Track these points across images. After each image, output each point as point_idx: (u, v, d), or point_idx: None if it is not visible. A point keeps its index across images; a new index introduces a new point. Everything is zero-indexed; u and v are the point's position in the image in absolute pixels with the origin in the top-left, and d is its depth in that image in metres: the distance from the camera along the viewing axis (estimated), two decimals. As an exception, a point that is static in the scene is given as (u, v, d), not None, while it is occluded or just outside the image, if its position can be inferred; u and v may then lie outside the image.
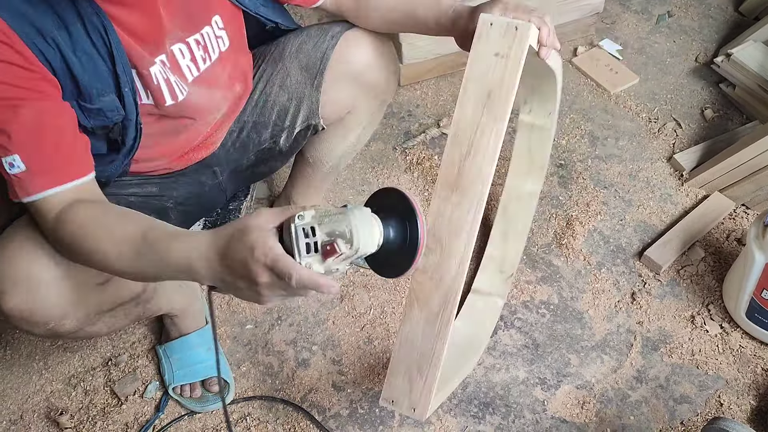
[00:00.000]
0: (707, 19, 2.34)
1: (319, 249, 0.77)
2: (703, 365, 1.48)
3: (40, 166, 0.92)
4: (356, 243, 0.78)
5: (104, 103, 1.00)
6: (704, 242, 1.69)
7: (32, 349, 1.49)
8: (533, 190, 1.63)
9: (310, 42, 1.28)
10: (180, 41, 1.08)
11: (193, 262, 0.82)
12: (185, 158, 1.25)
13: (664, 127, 1.98)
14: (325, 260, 0.78)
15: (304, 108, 1.31)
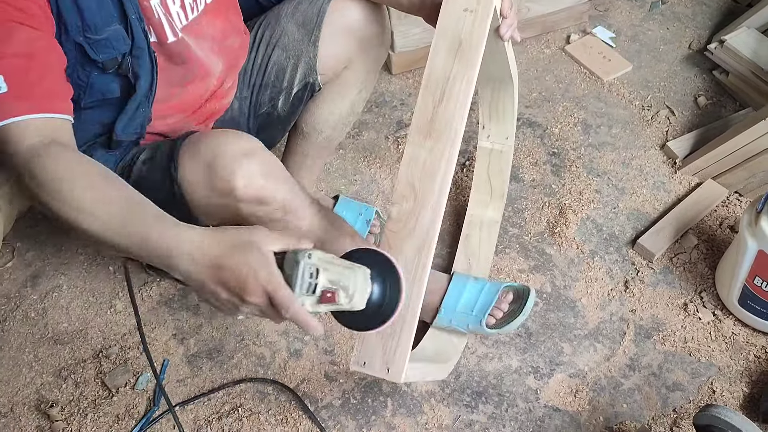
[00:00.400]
0: (700, 6, 2.33)
1: (317, 292, 0.80)
2: (695, 353, 1.48)
3: (21, 91, 0.88)
4: (354, 300, 0.84)
5: (110, 32, 0.99)
6: (697, 230, 1.68)
7: (22, 341, 1.48)
8: (494, 217, 1.64)
9: (305, 1, 1.32)
10: None
11: (175, 255, 0.81)
12: (199, 113, 1.26)
13: (657, 114, 1.97)
14: (320, 304, 0.81)
15: (302, 65, 1.33)
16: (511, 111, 1.59)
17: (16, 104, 0.87)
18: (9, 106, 0.87)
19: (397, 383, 1.00)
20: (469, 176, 1.80)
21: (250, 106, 1.37)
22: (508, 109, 1.59)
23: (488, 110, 1.60)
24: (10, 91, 0.87)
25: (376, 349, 1.02)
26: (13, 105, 0.87)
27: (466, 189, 1.78)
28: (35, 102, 0.89)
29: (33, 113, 0.88)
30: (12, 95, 0.87)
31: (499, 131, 1.62)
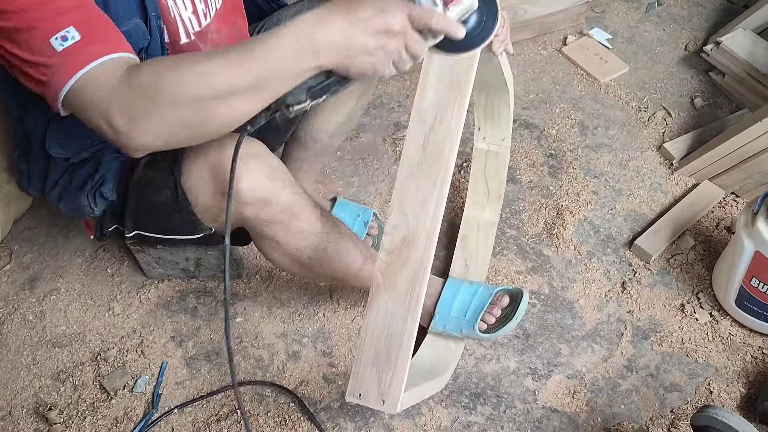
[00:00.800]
0: (697, 8, 2.33)
1: (439, 2, 0.88)
2: (692, 353, 1.48)
3: (96, 36, 0.87)
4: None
5: (131, 26, 0.99)
6: (694, 231, 1.69)
7: (20, 344, 1.48)
8: (491, 219, 1.64)
9: (305, 10, 1.29)
10: None
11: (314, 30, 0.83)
12: None
13: (653, 116, 1.98)
14: (447, 9, 0.89)
15: None
16: (506, 113, 1.58)
17: (94, 47, 0.86)
18: (88, 51, 0.86)
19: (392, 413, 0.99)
20: (466, 177, 1.80)
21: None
22: (503, 112, 1.59)
23: (483, 114, 1.60)
24: (83, 38, 0.86)
25: (371, 382, 1.01)
26: (92, 48, 0.86)
27: (463, 190, 1.78)
28: (110, 44, 0.88)
29: (113, 52, 0.87)
30: (86, 41, 0.86)
31: (495, 133, 1.62)
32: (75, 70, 0.85)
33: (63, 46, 0.85)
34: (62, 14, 0.85)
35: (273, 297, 1.56)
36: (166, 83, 0.84)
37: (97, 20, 0.89)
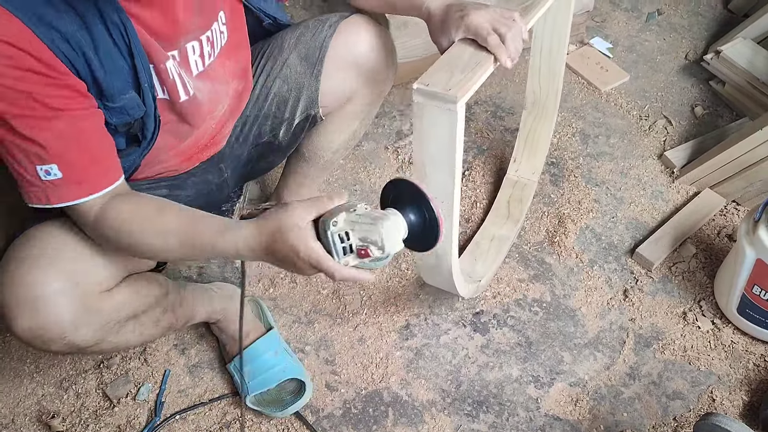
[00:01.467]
0: (697, 17, 2.35)
1: (354, 251, 0.90)
2: (695, 361, 1.48)
3: (77, 176, 0.95)
4: (387, 249, 0.90)
5: (126, 100, 1.00)
6: (695, 239, 1.69)
7: (23, 352, 1.48)
8: (506, 234, 1.68)
9: (308, 33, 1.30)
10: (194, 39, 1.08)
11: (240, 252, 0.95)
12: (194, 159, 1.26)
13: (654, 124, 1.99)
14: (360, 259, 0.92)
15: (303, 98, 1.32)
16: (544, 146, 1.72)
17: (74, 188, 0.95)
18: (68, 190, 0.95)
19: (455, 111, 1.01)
20: (468, 185, 1.81)
21: (250, 136, 1.36)
22: (542, 142, 1.73)
23: (524, 142, 1.73)
24: (64, 177, 0.93)
25: (443, 77, 1.03)
26: (72, 189, 0.95)
27: (465, 198, 1.79)
28: (93, 183, 0.96)
29: (92, 194, 0.96)
30: (68, 181, 0.94)
31: (528, 166, 1.75)
32: (54, 202, 0.95)
33: (46, 177, 0.93)
34: (46, 150, 0.91)
35: (275, 305, 1.57)
36: (124, 245, 1.00)
37: (81, 158, 0.95)
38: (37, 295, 0.98)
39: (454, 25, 1.09)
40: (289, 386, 1.40)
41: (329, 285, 1.60)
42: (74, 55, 0.91)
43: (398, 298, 1.58)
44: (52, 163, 0.92)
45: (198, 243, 0.97)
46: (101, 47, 0.94)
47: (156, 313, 1.18)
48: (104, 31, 0.94)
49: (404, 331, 1.52)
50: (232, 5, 1.16)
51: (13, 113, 0.88)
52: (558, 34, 1.52)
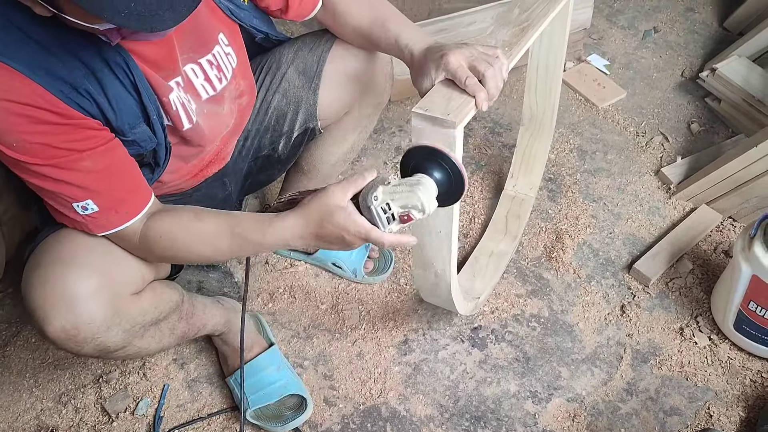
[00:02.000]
0: (692, 35, 2.37)
1: (397, 218, 0.97)
2: (692, 377, 1.49)
3: (113, 205, 1.00)
4: (427, 210, 0.97)
5: (137, 134, 1.03)
6: (692, 255, 1.70)
7: (23, 366, 1.49)
8: (505, 250, 1.69)
9: (306, 48, 1.32)
10: (191, 61, 1.10)
11: (289, 242, 1.01)
12: (199, 176, 1.27)
13: (651, 141, 2.00)
14: (403, 225, 0.99)
15: (302, 111, 1.34)
16: (541, 162, 1.74)
17: (113, 217, 1.01)
18: (108, 220, 1.01)
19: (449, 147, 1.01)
20: (467, 201, 1.83)
21: (251, 149, 1.38)
22: (539, 159, 1.75)
23: (521, 158, 1.75)
24: (101, 209, 0.99)
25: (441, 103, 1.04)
26: (111, 218, 1.01)
27: (463, 214, 1.80)
28: (129, 208, 1.02)
29: (127, 221, 1.02)
30: (106, 211, 1.00)
31: (525, 182, 1.77)
32: (99, 232, 1.02)
33: (84, 212, 0.99)
34: (80, 190, 0.97)
35: (274, 319, 1.57)
36: (173, 257, 1.10)
37: (112, 188, 0.99)
38: (71, 295, 1.00)
39: (433, 66, 1.07)
40: (289, 402, 1.41)
41: (328, 300, 1.61)
42: (86, 102, 0.95)
43: (397, 313, 1.59)
44: (86, 199, 0.97)
45: (246, 240, 1.02)
46: (110, 89, 0.97)
47: (173, 320, 1.20)
48: (110, 73, 0.97)
49: (402, 347, 1.53)
50: (229, 26, 1.18)
51: (40, 163, 0.92)
52: (554, 52, 1.54)
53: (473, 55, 1.05)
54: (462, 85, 1.03)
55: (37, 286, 1.00)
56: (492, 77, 1.04)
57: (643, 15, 2.45)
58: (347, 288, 1.63)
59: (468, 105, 1.03)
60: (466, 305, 1.45)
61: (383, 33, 1.19)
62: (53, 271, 1.00)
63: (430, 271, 1.26)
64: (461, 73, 1.03)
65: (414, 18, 1.93)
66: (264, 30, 1.27)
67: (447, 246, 1.18)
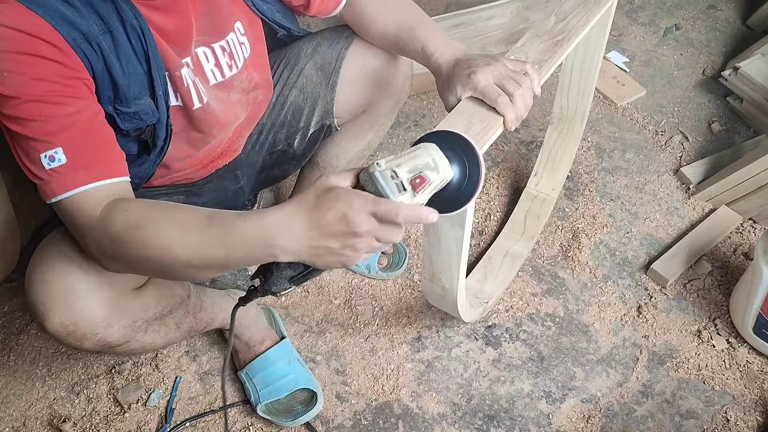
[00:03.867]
0: (715, 32, 2.34)
1: (407, 186, 0.81)
2: (709, 380, 1.47)
3: (82, 160, 0.89)
4: (442, 170, 0.84)
5: (140, 106, 1.00)
6: (711, 256, 1.68)
7: (36, 355, 1.49)
8: (520, 251, 1.66)
9: (325, 43, 1.30)
10: (204, 45, 1.09)
11: (272, 234, 0.80)
12: (210, 166, 1.26)
13: (670, 140, 1.97)
14: (416, 193, 0.82)
15: (319, 107, 1.33)
16: (567, 163, 1.71)
17: (80, 173, 0.89)
18: (73, 177, 0.88)
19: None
20: (482, 198, 1.81)
21: (265, 143, 1.37)
22: (565, 160, 1.71)
23: (546, 156, 1.72)
24: (69, 162, 0.88)
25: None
26: (77, 174, 0.89)
27: (479, 210, 1.78)
28: (99, 168, 0.90)
29: (98, 180, 0.89)
30: (73, 166, 0.88)
31: (548, 182, 1.74)
32: (58, 192, 0.89)
33: (50, 165, 0.88)
34: (53, 134, 0.87)
35: (287, 313, 1.57)
36: (133, 242, 0.86)
37: (87, 143, 0.90)
38: (70, 292, 0.99)
39: (460, 83, 1.03)
40: (300, 396, 1.40)
41: (341, 295, 1.60)
42: (94, 56, 0.92)
43: (410, 309, 1.58)
44: (57, 147, 0.87)
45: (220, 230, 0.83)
46: (122, 51, 0.95)
47: (179, 315, 1.18)
48: (124, 34, 0.95)
49: (416, 343, 1.52)
50: (249, 17, 1.17)
51: (23, 99, 0.86)
52: (591, 55, 1.49)
53: (501, 74, 1.02)
54: (492, 103, 1.00)
55: (37, 282, 1.00)
56: (521, 97, 1.01)
57: (665, 12, 2.42)
58: (361, 283, 1.62)
59: (491, 130, 0.99)
60: (473, 312, 1.43)
61: (410, 39, 1.17)
62: (53, 267, 1.00)
63: (437, 284, 1.22)
64: (491, 91, 1.00)
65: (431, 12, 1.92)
66: (286, 25, 1.26)
67: (456, 264, 1.14)
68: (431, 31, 1.16)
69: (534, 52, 1.14)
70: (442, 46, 1.12)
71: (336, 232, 0.78)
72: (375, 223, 0.79)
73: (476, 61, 1.04)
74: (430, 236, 1.12)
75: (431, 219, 0.81)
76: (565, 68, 1.56)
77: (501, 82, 1.01)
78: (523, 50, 1.15)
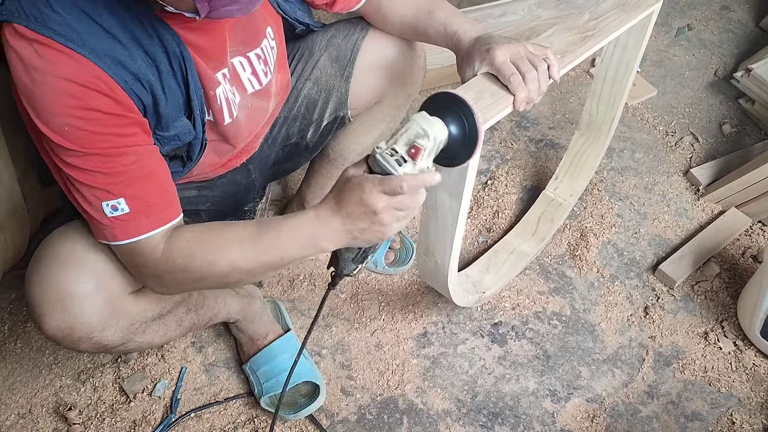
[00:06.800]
0: (727, 33, 2.32)
1: (406, 158, 0.90)
2: (715, 382, 1.46)
3: (144, 209, 0.94)
4: (431, 134, 0.91)
5: (178, 128, 1.01)
6: (719, 258, 1.67)
7: (42, 343, 1.50)
8: (527, 250, 1.66)
9: (340, 35, 1.30)
10: (240, 54, 1.09)
11: (315, 230, 0.91)
12: (227, 166, 1.26)
13: (681, 140, 1.97)
14: (416, 162, 0.90)
15: (333, 99, 1.33)
16: (589, 170, 1.69)
17: (142, 221, 0.94)
18: (136, 225, 0.93)
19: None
20: (491, 195, 1.80)
21: (278, 137, 1.36)
22: (587, 167, 1.70)
23: (570, 160, 1.71)
24: (132, 212, 0.93)
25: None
26: (140, 222, 0.94)
27: (487, 208, 1.78)
28: (156, 216, 0.95)
29: (157, 228, 0.95)
30: (136, 214, 0.93)
31: (568, 187, 1.73)
32: (121, 238, 0.94)
33: (113, 214, 0.92)
34: (115, 185, 0.91)
35: (293, 306, 1.57)
36: (198, 269, 0.95)
37: (148, 192, 0.94)
38: (66, 295, 0.99)
39: (478, 58, 1.05)
40: (303, 389, 1.40)
41: (348, 289, 1.60)
42: (144, 93, 0.93)
43: (416, 305, 1.58)
44: (119, 197, 0.91)
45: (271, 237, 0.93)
46: (166, 82, 0.96)
47: (180, 313, 1.18)
48: (168, 64, 0.95)
49: (421, 339, 1.52)
50: (275, 18, 1.18)
51: (84, 152, 0.88)
52: (625, 64, 1.47)
53: (519, 53, 1.02)
54: (505, 81, 1.01)
55: (35, 284, 1.00)
56: (533, 79, 1.01)
57: (677, 12, 2.40)
58: (367, 278, 1.62)
59: (498, 106, 1.00)
60: (466, 298, 1.43)
61: (430, 21, 1.17)
62: (50, 270, 1.00)
63: (430, 258, 1.24)
64: (506, 69, 1.01)
65: (444, 8, 1.90)
66: (306, 21, 1.26)
67: (450, 239, 1.15)
68: (452, 12, 1.18)
69: (560, 42, 1.14)
70: (464, 25, 1.14)
71: (360, 215, 0.89)
72: (388, 198, 0.87)
73: (497, 39, 1.06)
74: (428, 207, 1.13)
75: (435, 181, 0.89)
76: (598, 74, 1.54)
77: (517, 61, 1.02)
78: (549, 39, 1.15)
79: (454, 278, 1.27)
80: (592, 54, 1.20)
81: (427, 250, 1.23)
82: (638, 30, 1.37)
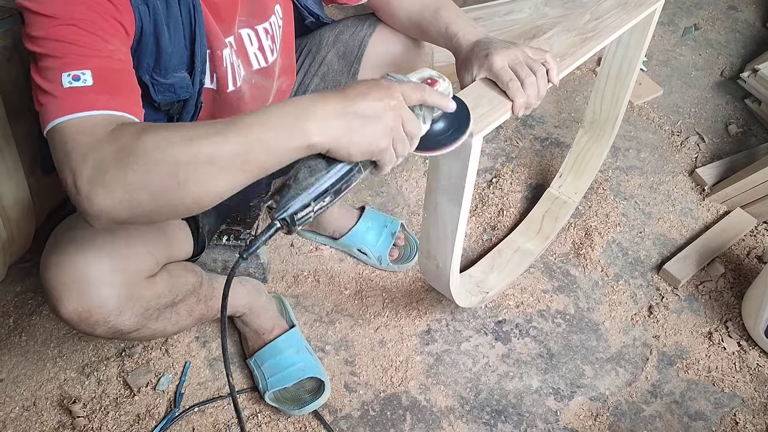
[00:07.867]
0: (734, 34, 2.32)
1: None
2: (719, 382, 1.46)
3: (108, 88, 0.82)
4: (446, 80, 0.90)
5: (177, 78, 1.00)
6: (724, 258, 1.67)
7: (47, 336, 1.50)
8: (531, 249, 1.65)
9: (348, 31, 1.30)
10: (248, 26, 1.09)
11: (306, 106, 0.77)
12: None
13: (686, 140, 1.96)
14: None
15: None
16: (593, 169, 1.69)
17: (101, 98, 0.81)
18: (93, 99, 0.81)
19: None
20: (495, 193, 1.80)
21: None
22: (592, 165, 1.70)
23: (573, 159, 1.71)
24: (95, 86, 0.81)
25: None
26: (98, 99, 0.81)
27: (492, 206, 1.78)
28: (118, 101, 0.83)
29: (115, 110, 0.82)
30: (96, 89, 0.81)
31: (572, 185, 1.72)
32: (70, 111, 0.79)
33: (70, 84, 0.80)
34: (87, 57, 0.82)
35: (297, 302, 1.57)
36: (145, 142, 0.76)
37: (118, 78, 0.85)
38: (84, 279, 0.98)
39: (477, 63, 1.04)
40: (307, 384, 1.41)
41: (352, 286, 1.60)
42: (147, 16, 0.91)
43: (420, 302, 1.58)
44: (86, 68, 0.81)
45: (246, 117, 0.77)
46: (172, 20, 0.95)
47: (190, 303, 1.18)
48: (177, 6, 0.95)
49: (425, 336, 1.52)
50: (284, 1, 1.18)
51: (63, 20, 0.81)
52: (628, 62, 1.47)
53: (518, 58, 1.02)
54: (504, 86, 1.00)
55: (51, 268, 0.99)
56: (532, 84, 1.00)
57: (684, 11, 2.40)
58: (371, 275, 1.63)
59: (497, 111, 0.99)
60: (469, 299, 1.43)
61: (434, 19, 1.18)
62: (68, 254, 0.99)
63: (432, 261, 1.24)
64: (504, 74, 1.00)
65: (451, 5, 1.90)
66: (315, 12, 1.26)
67: (450, 244, 1.14)
68: (456, 13, 1.17)
69: (560, 44, 1.14)
70: (465, 27, 1.13)
71: (369, 97, 0.80)
72: (403, 100, 0.82)
73: (495, 44, 1.05)
74: (429, 212, 1.13)
75: (451, 107, 0.87)
76: (602, 72, 1.54)
77: (515, 67, 1.01)
78: (549, 42, 1.14)
79: (456, 281, 1.27)
80: (592, 55, 1.20)
81: (428, 254, 1.23)
82: (640, 28, 1.37)
